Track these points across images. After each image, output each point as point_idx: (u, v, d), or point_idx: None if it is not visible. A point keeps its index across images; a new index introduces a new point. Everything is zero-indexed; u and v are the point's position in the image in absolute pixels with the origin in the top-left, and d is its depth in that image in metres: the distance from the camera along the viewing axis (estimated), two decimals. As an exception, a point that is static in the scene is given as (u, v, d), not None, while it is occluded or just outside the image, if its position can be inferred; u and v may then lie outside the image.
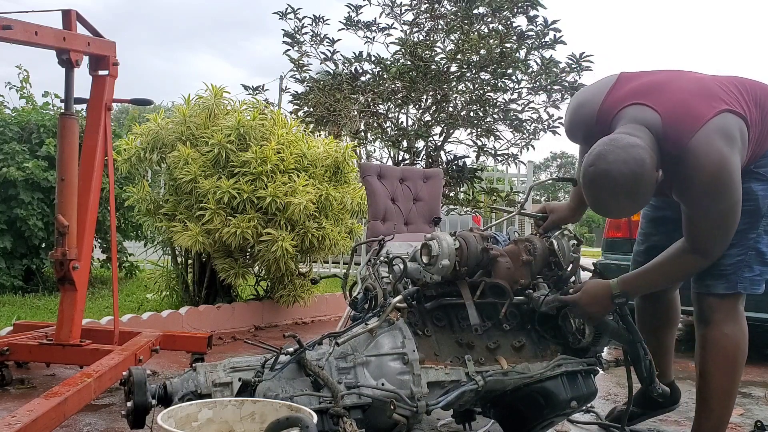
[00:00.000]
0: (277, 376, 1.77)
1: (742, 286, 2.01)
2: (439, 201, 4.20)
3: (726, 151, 1.84)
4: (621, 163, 1.76)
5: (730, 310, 2.03)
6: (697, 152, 1.83)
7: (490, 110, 6.83)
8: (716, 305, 2.02)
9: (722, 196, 1.85)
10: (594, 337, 2.04)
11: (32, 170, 4.95)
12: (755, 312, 3.78)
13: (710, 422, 2.05)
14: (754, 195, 1.98)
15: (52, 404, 1.96)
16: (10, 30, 2.29)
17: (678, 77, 2.00)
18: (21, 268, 5.16)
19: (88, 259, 2.87)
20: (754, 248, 2.01)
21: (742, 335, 2.03)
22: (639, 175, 1.76)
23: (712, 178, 1.83)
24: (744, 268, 2.01)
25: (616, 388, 3.16)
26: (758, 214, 2.00)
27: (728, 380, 2.02)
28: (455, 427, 2.31)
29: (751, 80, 2.05)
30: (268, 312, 4.66)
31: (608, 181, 1.77)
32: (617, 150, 1.77)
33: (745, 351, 2.03)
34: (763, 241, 2.02)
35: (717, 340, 2.01)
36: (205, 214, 3.98)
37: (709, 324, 2.03)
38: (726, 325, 2.01)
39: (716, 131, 1.85)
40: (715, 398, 2.03)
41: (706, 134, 1.84)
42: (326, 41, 7.04)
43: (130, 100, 3.21)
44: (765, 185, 2.00)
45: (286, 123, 4.49)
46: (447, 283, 2.06)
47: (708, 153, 1.83)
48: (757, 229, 2.01)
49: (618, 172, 1.76)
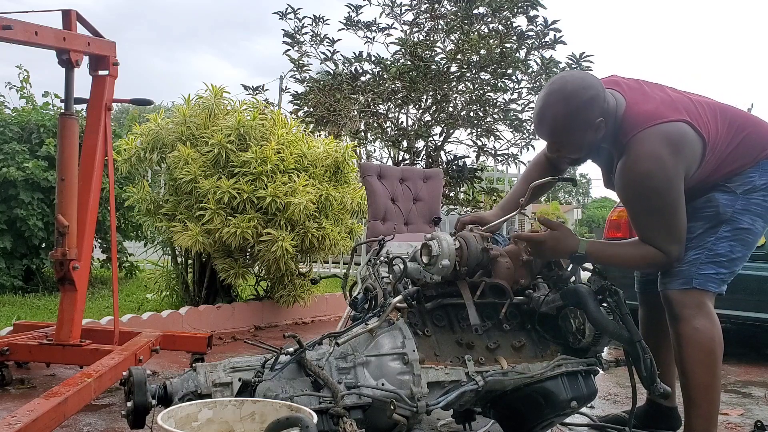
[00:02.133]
0: (277, 376, 1.77)
1: (697, 282, 2.05)
2: (439, 201, 4.20)
3: (665, 155, 1.94)
4: (578, 78, 2.01)
5: (699, 306, 2.05)
6: (638, 146, 1.96)
7: (490, 110, 6.84)
8: (682, 300, 2.05)
9: (651, 194, 1.95)
10: (594, 337, 2.04)
11: (32, 170, 4.95)
12: (755, 312, 3.80)
13: (700, 418, 2.06)
14: (716, 202, 2.09)
15: (52, 404, 1.96)
16: (10, 30, 2.29)
17: (661, 88, 2.14)
18: (21, 268, 5.16)
19: (88, 259, 2.87)
20: (710, 249, 2.07)
21: (715, 329, 2.05)
22: (586, 92, 1.94)
23: (642, 176, 1.95)
24: (700, 266, 2.06)
25: (616, 388, 3.16)
26: (718, 220, 2.08)
27: (708, 374, 2.04)
28: (455, 427, 2.31)
29: (734, 108, 2.17)
30: (268, 312, 4.66)
31: (559, 84, 1.98)
32: (581, 72, 1.97)
33: (720, 343, 2.05)
34: (721, 245, 2.07)
35: (690, 335, 2.04)
36: (205, 214, 3.98)
37: (679, 320, 2.06)
38: (696, 320, 2.04)
39: (664, 134, 1.96)
40: (698, 394, 2.05)
41: (653, 133, 1.96)
42: (326, 41, 7.05)
43: (130, 100, 3.21)
44: (729, 196, 2.09)
45: (286, 123, 4.49)
46: (447, 283, 2.06)
47: (647, 151, 1.95)
48: (716, 234, 2.08)
49: (571, 79, 2.00)
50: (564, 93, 1.95)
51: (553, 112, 1.96)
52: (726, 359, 3.22)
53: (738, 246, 2.08)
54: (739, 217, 2.07)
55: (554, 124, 1.98)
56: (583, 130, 1.97)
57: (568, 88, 1.95)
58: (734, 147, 2.08)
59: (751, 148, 2.09)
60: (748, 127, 2.12)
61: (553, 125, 1.98)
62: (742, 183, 2.08)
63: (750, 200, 2.08)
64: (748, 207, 2.08)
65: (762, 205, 2.09)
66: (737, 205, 2.07)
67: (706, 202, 2.09)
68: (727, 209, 2.07)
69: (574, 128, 1.96)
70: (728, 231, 2.07)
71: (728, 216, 2.07)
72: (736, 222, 2.07)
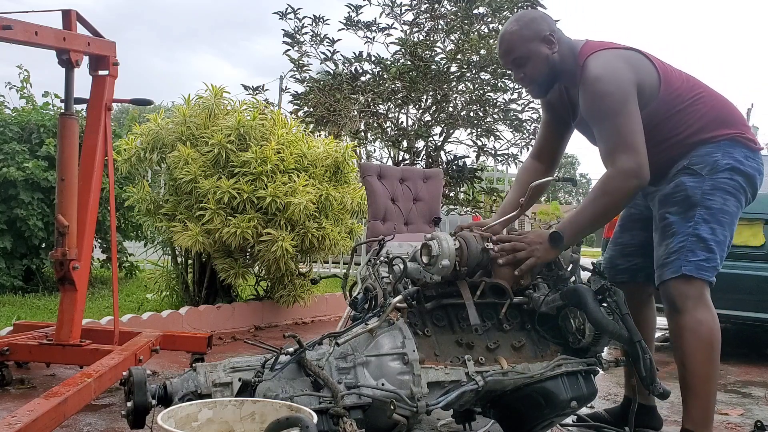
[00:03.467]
0: (277, 376, 1.77)
1: (687, 269, 2.06)
2: (439, 201, 4.20)
3: (617, 64, 2.07)
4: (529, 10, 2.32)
5: (699, 298, 2.07)
6: (592, 62, 2.07)
7: (490, 110, 6.84)
8: (683, 292, 2.07)
9: (603, 98, 2.02)
10: (594, 337, 2.04)
11: (32, 170, 4.95)
12: (755, 312, 3.80)
13: (698, 409, 2.08)
14: (684, 186, 2.12)
15: (52, 404, 1.96)
16: (10, 30, 2.29)
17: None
18: (21, 268, 5.16)
19: (88, 259, 2.87)
20: (694, 234, 2.08)
21: (715, 321, 2.08)
22: (535, 13, 2.30)
23: (593, 81, 2.04)
24: (687, 253, 2.07)
25: (616, 388, 3.16)
26: (689, 203, 2.11)
27: (709, 365, 2.07)
28: (455, 427, 2.31)
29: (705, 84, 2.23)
30: (268, 312, 4.66)
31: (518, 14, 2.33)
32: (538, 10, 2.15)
33: (719, 336, 2.08)
34: (702, 228, 2.09)
35: (692, 327, 2.05)
36: (205, 214, 3.98)
37: (681, 312, 2.08)
38: (698, 312, 2.06)
39: (615, 52, 2.12)
40: (699, 384, 2.07)
41: (605, 53, 2.10)
42: (326, 41, 7.04)
43: (130, 100, 3.21)
44: (695, 178, 2.11)
45: (286, 123, 4.49)
46: (447, 283, 2.06)
47: (599, 62, 2.06)
48: (693, 218, 2.10)
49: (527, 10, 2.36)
50: (515, 17, 2.24)
51: (507, 30, 2.17)
52: (726, 359, 3.23)
53: (719, 228, 2.09)
54: (709, 198, 2.09)
55: (509, 39, 2.16)
56: (536, 42, 2.13)
57: (519, 14, 2.32)
58: (690, 101, 2.13)
59: (710, 112, 2.14)
60: (707, 91, 2.18)
61: (509, 40, 2.16)
62: (704, 164, 2.11)
63: (716, 179, 2.10)
64: (716, 186, 2.10)
65: (730, 184, 2.11)
66: (705, 186, 2.10)
67: (675, 187, 2.13)
68: (695, 191, 2.10)
69: (527, 40, 2.13)
70: (704, 213, 2.09)
71: (698, 197, 2.09)
72: (708, 202, 2.09)
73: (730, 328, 5.30)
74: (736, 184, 2.12)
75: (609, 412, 2.49)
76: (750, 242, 3.81)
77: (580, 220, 2.07)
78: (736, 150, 2.13)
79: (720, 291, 3.85)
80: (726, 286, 3.79)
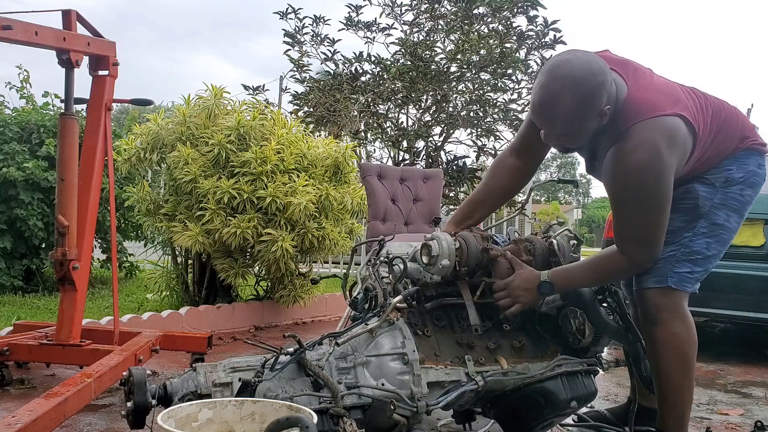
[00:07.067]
0: (277, 376, 1.77)
1: (672, 281, 2.01)
2: (439, 201, 4.20)
3: (662, 148, 1.86)
4: (585, 62, 1.80)
5: (675, 309, 2.02)
6: (636, 136, 1.85)
7: (490, 110, 6.84)
8: (658, 302, 2.01)
9: (640, 188, 1.87)
10: (594, 337, 2.04)
11: (32, 170, 4.95)
12: (755, 312, 3.80)
13: (674, 417, 2.06)
14: (696, 194, 2.04)
15: (52, 404, 1.96)
16: (10, 30, 2.29)
17: (651, 73, 2.07)
18: (21, 268, 5.16)
19: (88, 259, 2.87)
20: (687, 246, 2.04)
21: (691, 332, 2.03)
22: (595, 79, 1.79)
23: (636, 167, 1.84)
24: (675, 264, 2.02)
25: (616, 388, 3.16)
26: (696, 213, 2.04)
27: (684, 376, 2.03)
28: (455, 427, 2.31)
29: (715, 98, 2.12)
30: (268, 312, 4.66)
31: (566, 69, 1.79)
32: (585, 54, 1.85)
33: (695, 345, 2.03)
34: (698, 241, 2.04)
35: (666, 340, 2.01)
36: (205, 214, 3.98)
37: (655, 324, 2.02)
38: (672, 325, 2.01)
39: (663, 128, 1.87)
40: (673, 395, 2.05)
41: (653, 125, 1.86)
42: (326, 41, 7.05)
43: (130, 100, 3.21)
44: (708, 188, 2.05)
45: (286, 123, 4.49)
46: (447, 283, 2.06)
47: (645, 141, 1.84)
48: (693, 229, 2.04)
49: (578, 63, 1.79)
50: (571, 80, 1.78)
51: (560, 102, 1.79)
52: (726, 359, 3.22)
53: (714, 243, 2.05)
54: (715, 212, 2.05)
55: (561, 115, 1.81)
56: (590, 119, 1.84)
57: (576, 75, 1.78)
58: (714, 136, 2.04)
59: (728, 138, 2.07)
60: (724, 115, 2.10)
61: (560, 116, 1.81)
62: (720, 175, 2.06)
63: (728, 194, 2.06)
64: (725, 201, 2.06)
65: (738, 200, 2.07)
66: (716, 199, 2.05)
67: (685, 192, 2.04)
68: (706, 202, 2.04)
69: (581, 118, 1.82)
70: (705, 227, 2.04)
71: (706, 210, 2.04)
72: (712, 217, 2.05)
73: (730, 328, 5.30)
74: (743, 199, 2.07)
75: (611, 411, 2.49)
76: (750, 242, 3.81)
77: (574, 277, 2.02)
78: (750, 160, 2.08)
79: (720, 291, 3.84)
80: (726, 286, 3.81)
